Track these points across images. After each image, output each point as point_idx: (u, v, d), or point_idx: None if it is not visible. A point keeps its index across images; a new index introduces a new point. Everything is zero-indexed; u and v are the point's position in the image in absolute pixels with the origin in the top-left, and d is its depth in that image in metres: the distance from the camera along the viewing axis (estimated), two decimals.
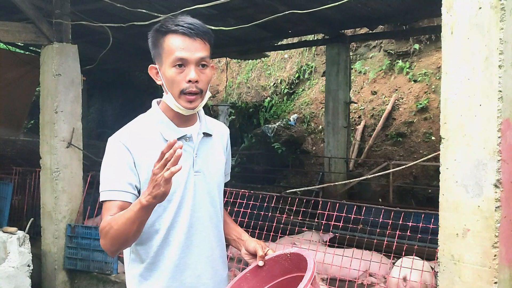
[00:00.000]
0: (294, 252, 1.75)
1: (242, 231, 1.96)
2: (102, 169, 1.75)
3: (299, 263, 1.71)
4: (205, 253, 1.81)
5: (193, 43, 1.70)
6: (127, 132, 1.77)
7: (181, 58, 1.69)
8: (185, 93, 1.71)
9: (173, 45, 1.70)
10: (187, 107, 1.73)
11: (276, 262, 1.78)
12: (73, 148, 5.38)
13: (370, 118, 10.40)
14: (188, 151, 1.78)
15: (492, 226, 2.27)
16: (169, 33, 1.71)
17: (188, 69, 1.70)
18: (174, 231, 1.75)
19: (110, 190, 1.70)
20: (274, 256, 1.79)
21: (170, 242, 1.75)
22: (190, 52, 1.69)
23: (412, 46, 10.53)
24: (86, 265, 5.27)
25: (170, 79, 1.71)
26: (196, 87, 1.71)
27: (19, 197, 6.62)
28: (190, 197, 1.77)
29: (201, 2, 4.38)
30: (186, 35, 1.70)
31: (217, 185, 1.87)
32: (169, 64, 1.71)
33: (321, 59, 11.63)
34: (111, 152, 1.74)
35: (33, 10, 5.26)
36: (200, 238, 1.79)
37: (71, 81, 5.38)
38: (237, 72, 13.36)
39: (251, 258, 1.83)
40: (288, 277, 1.77)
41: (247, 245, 1.85)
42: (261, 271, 1.79)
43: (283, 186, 9.29)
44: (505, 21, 2.24)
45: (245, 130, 11.97)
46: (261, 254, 1.77)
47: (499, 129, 2.26)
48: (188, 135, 1.80)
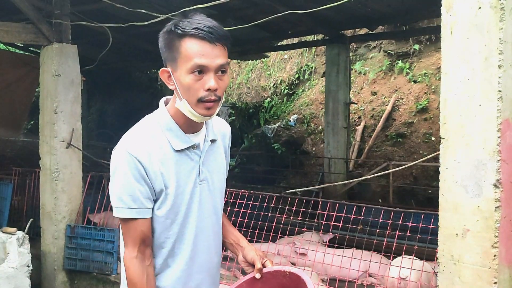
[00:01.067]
0: (293, 272, 1.71)
1: (240, 236, 1.91)
2: (115, 184, 1.65)
3: (297, 284, 1.68)
4: (206, 262, 1.78)
5: (213, 50, 1.59)
6: (135, 141, 1.66)
7: (201, 65, 1.58)
8: (204, 101, 1.61)
9: (192, 50, 1.58)
10: (205, 114, 1.63)
11: (273, 276, 1.76)
12: (73, 148, 5.38)
13: (370, 118, 10.40)
14: (195, 159, 1.73)
15: (491, 226, 2.27)
16: (187, 37, 1.59)
17: (207, 77, 1.59)
18: (181, 243, 1.72)
19: (131, 208, 1.63)
20: (272, 271, 1.76)
21: (176, 254, 1.72)
22: (210, 59, 1.58)
23: (412, 47, 10.53)
24: (86, 265, 5.27)
25: (187, 86, 1.60)
26: (215, 95, 1.61)
27: (18, 198, 6.61)
28: (196, 208, 1.73)
29: (200, 2, 4.37)
30: (206, 40, 1.58)
31: (220, 192, 1.83)
32: (186, 70, 1.59)
33: (321, 60, 11.63)
34: (122, 165, 1.63)
35: (33, 10, 5.26)
36: (203, 248, 1.76)
37: (71, 81, 5.37)
38: (237, 73, 13.36)
39: (247, 266, 1.80)
40: None
41: (245, 253, 1.81)
42: (257, 282, 1.76)
43: (283, 187, 9.29)
44: (504, 21, 2.24)
45: (245, 130, 11.97)
46: (259, 267, 1.73)
47: (499, 129, 2.25)
48: (196, 144, 1.73)
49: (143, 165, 1.62)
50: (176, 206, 1.69)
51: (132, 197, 1.63)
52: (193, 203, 1.72)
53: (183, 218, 1.71)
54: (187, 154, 1.71)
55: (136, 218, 1.64)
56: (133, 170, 1.62)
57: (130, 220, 1.65)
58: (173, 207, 1.68)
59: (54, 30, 5.35)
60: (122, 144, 1.67)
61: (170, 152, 1.67)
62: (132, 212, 1.64)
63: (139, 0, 5.56)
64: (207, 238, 1.77)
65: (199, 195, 1.74)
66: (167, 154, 1.67)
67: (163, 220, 1.69)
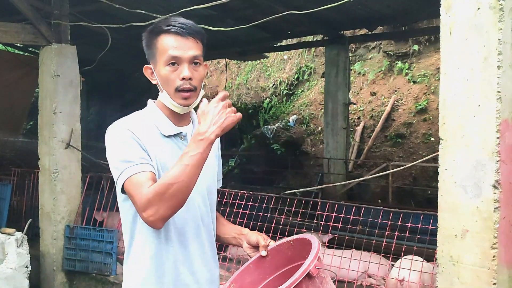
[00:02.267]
0: (296, 238, 1.76)
1: (241, 227, 1.98)
2: (114, 152, 1.72)
3: (302, 250, 1.70)
4: (198, 250, 1.82)
5: (186, 42, 1.75)
6: (128, 120, 1.78)
7: (174, 57, 1.74)
8: (180, 90, 1.75)
9: (166, 45, 1.75)
10: (183, 103, 1.77)
11: (278, 252, 1.78)
12: (72, 149, 5.38)
13: (369, 119, 10.40)
14: (182, 149, 1.78)
15: (491, 227, 2.27)
16: (162, 33, 1.76)
17: (181, 67, 1.75)
18: (169, 228, 1.75)
19: (134, 164, 1.66)
20: (276, 246, 1.79)
21: (167, 237, 1.76)
22: (183, 50, 1.74)
23: (411, 47, 10.53)
24: (85, 266, 5.26)
25: (165, 77, 1.76)
26: (190, 84, 1.75)
27: (17, 198, 6.61)
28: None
29: (200, 2, 4.38)
30: (179, 34, 1.75)
31: (208, 185, 1.88)
32: (163, 63, 1.76)
33: (320, 60, 11.62)
34: (118, 135, 1.73)
35: (32, 11, 5.26)
36: (193, 236, 1.80)
37: (70, 82, 5.37)
38: (236, 73, 13.36)
39: (253, 251, 1.85)
40: (291, 266, 1.76)
41: (248, 237, 1.87)
42: (263, 262, 1.79)
43: (282, 187, 9.28)
44: (503, 22, 2.24)
45: (244, 131, 11.96)
46: (263, 244, 1.79)
47: (498, 129, 2.25)
48: (183, 133, 1.84)
49: (137, 136, 1.72)
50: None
51: (132, 157, 1.68)
52: None
53: None
54: (175, 143, 1.81)
55: (139, 172, 1.65)
56: (129, 138, 1.71)
57: (134, 176, 1.65)
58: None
59: (53, 30, 5.35)
60: (115, 123, 1.78)
61: (159, 137, 1.78)
62: (134, 168, 1.66)
63: (139, 1, 5.56)
64: (197, 227, 1.82)
65: None
66: (157, 138, 1.77)
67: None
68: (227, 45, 7.97)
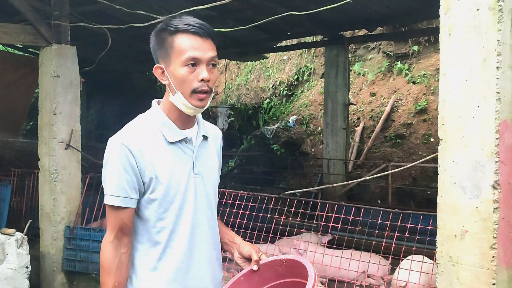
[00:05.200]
0: (290, 258, 1.76)
1: (234, 234, 1.98)
2: (106, 172, 1.75)
3: (294, 269, 1.72)
4: (205, 255, 1.82)
5: (204, 43, 1.71)
6: (129, 133, 1.75)
7: (194, 58, 1.69)
8: (197, 92, 1.71)
9: (185, 44, 1.70)
10: (198, 105, 1.73)
11: (269, 267, 1.79)
12: (72, 149, 5.38)
13: (369, 119, 10.40)
14: (188, 153, 1.80)
15: (490, 228, 2.27)
16: (179, 32, 1.71)
17: (200, 69, 1.71)
18: (177, 234, 1.76)
19: (115, 196, 1.72)
20: (268, 261, 1.80)
21: (173, 245, 1.76)
22: (203, 51, 1.70)
23: (411, 48, 10.53)
24: (85, 266, 5.26)
25: (182, 78, 1.71)
26: (208, 86, 1.72)
27: (17, 199, 6.61)
28: (192, 200, 1.78)
29: (200, 3, 4.38)
30: (198, 34, 1.70)
31: (213, 188, 1.88)
32: (180, 64, 1.70)
33: (320, 61, 11.63)
34: (113, 154, 1.72)
35: (32, 11, 5.26)
36: (200, 241, 1.80)
37: (70, 82, 5.37)
38: (236, 74, 13.36)
39: (244, 262, 1.85)
40: (281, 281, 1.78)
41: (241, 249, 1.87)
42: (254, 275, 1.80)
43: (282, 188, 9.28)
44: (503, 23, 2.25)
45: (244, 131, 11.96)
46: (255, 259, 1.79)
47: (497, 130, 2.26)
48: (188, 138, 1.81)
49: (134, 155, 1.70)
50: (170, 196, 1.74)
51: (118, 186, 1.71)
52: (188, 195, 1.77)
53: (178, 209, 1.76)
54: (180, 148, 1.79)
55: (119, 206, 1.73)
56: (123, 159, 1.70)
57: (114, 207, 1.74)
58: (166, 196, 1.74)
59: (53, 31, 5.35)
60: (117, 135, 1.76)
61: (164, 145, 1.75)
62: (116, 200, 1.72)
63: (138, 2, 5.57)
64: (204, 231, 1.82)
65: (194, 188, 1.79)
66: (161, 146, 1.75)
67: (156, 208, 1.75)
68: (227, 45, 7.97)
